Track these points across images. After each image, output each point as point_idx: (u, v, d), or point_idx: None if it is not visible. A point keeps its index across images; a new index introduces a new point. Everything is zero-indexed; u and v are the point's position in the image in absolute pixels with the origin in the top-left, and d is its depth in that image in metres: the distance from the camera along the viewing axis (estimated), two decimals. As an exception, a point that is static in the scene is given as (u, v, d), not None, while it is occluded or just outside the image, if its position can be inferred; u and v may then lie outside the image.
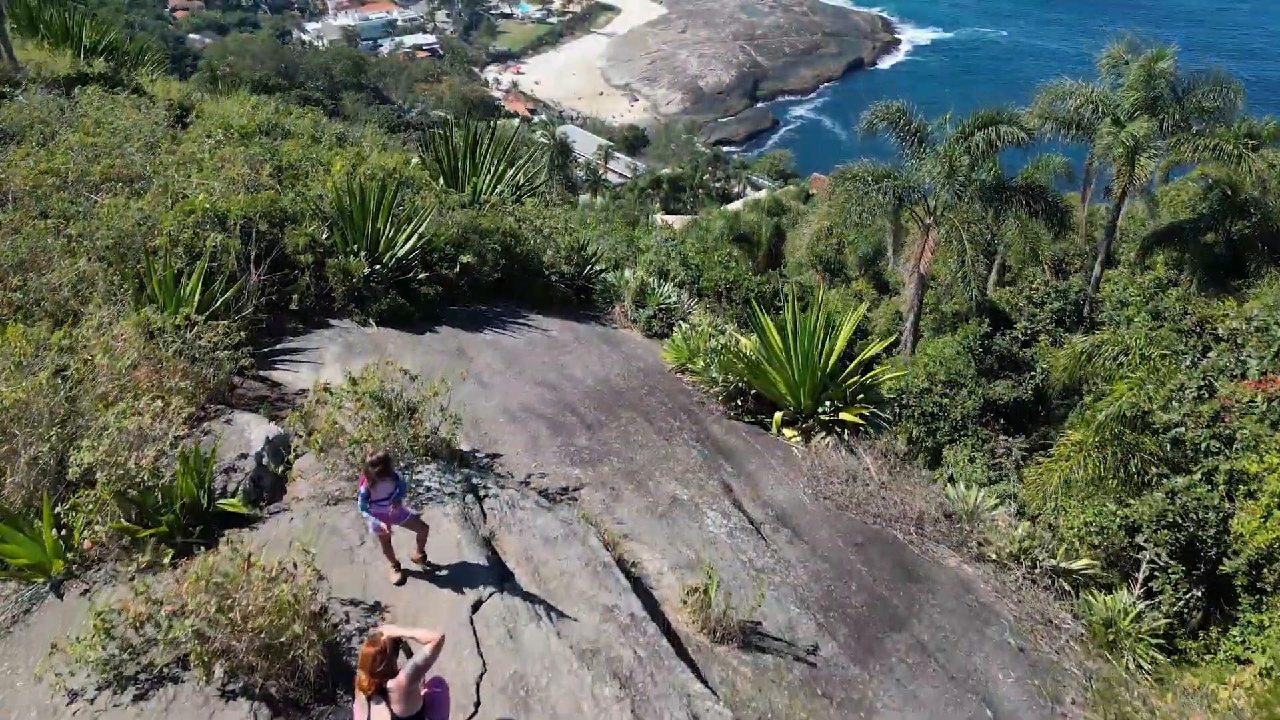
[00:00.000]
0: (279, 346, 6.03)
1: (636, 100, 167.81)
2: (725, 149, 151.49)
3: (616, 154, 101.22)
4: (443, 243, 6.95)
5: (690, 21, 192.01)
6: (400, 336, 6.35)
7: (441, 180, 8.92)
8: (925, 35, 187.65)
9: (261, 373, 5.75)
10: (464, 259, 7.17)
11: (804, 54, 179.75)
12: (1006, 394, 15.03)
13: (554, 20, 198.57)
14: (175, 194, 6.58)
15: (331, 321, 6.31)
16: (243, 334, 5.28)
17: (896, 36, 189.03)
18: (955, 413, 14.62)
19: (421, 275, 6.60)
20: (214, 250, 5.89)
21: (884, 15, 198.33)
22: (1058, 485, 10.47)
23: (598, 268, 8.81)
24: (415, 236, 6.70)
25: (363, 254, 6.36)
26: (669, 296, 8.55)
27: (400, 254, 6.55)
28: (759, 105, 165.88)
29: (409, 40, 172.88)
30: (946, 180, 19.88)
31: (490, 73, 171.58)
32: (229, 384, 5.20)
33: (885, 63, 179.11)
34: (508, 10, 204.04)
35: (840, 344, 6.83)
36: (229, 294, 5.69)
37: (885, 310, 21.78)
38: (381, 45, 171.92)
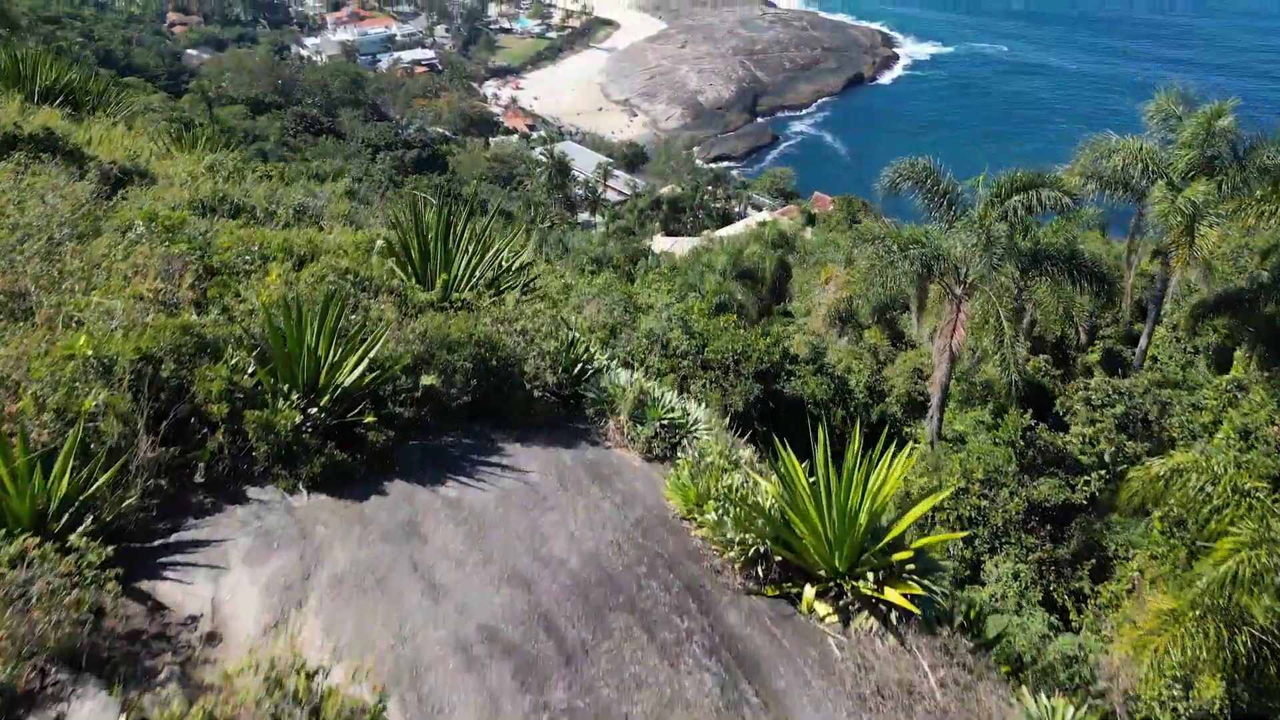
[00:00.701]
0: (174, 539, 4.68)
1: (636, 115, 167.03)
2: (725, 164, 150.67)
3: (616, 172, 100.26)
4: (400, 368, 5.60)
5: (690, 37, 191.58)
6: (336, 511, 5.01)
7: (409, 268, 7.57)
8: (925, 50, 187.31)
9: (144, 584, 4.40)
10: (427, 381, 5.85)
11: (804, 69, 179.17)
12: (1054, 495, 13.64)
13: (553, 35, 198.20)
14: (65, 322, 5.28)
15: (250, 492, 4.97)
16: (110, 551, 3.92)
17: (896, 51, 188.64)
18: (996, 517, 13.19)
19: (369, 419, 5.25)
20: (95, 411, 4.57)
21: (884, 30, 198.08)
22: (1151, 668, 9.05)
23: (590, 367, 7.47)
24: (365, 363, 5.36)
25: (295, 395, 5.01)
26: (671, 409, 7.22)
27: (346, 384, 5.22)
28: (759, 120, 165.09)
29: (408, 55, 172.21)
30: (984, 252, 17.82)
31: (489, 88, 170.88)
32: (89, 621, 3.82)
33: (885, 78, 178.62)
34: (507, 25, 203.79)
35: (887, 494, 5.55)
36: (107, 476, 4.36)
37: (902, 366, 20.23)
38: (380, 60, 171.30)
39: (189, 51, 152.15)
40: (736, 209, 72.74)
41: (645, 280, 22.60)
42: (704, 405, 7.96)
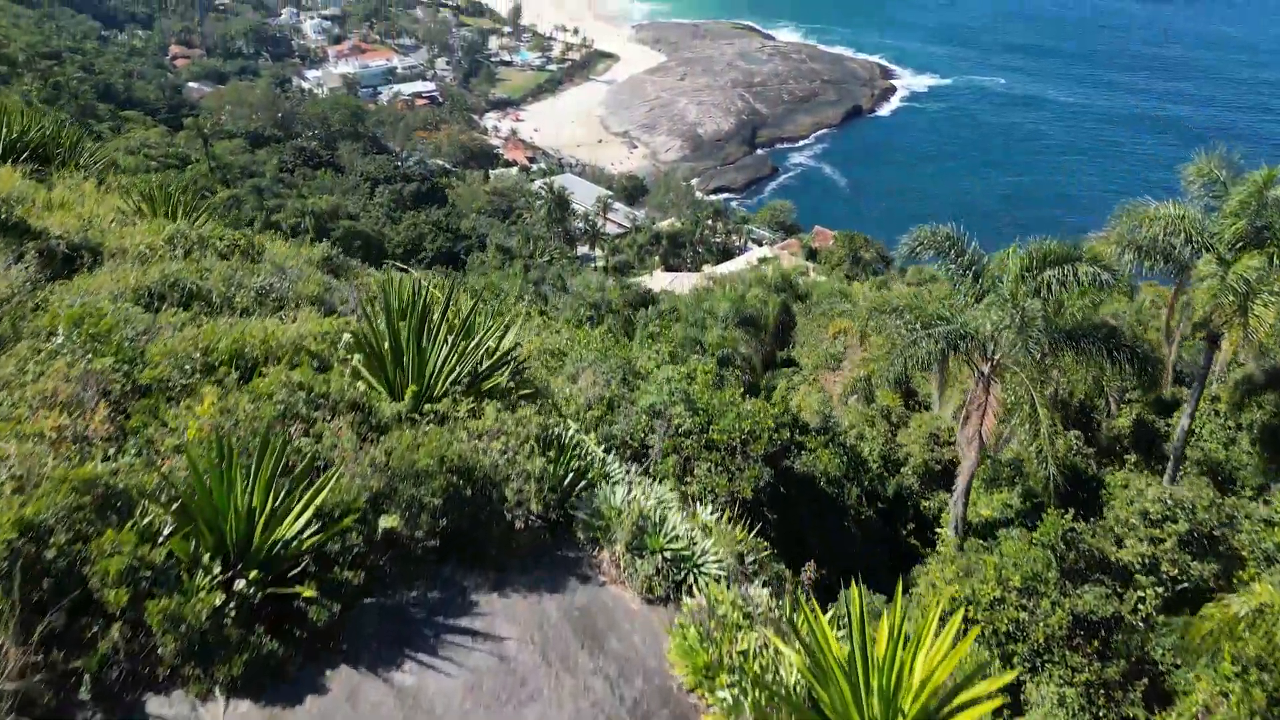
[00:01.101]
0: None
1: (636, 147, 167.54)
2: (724, 196, 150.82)
3: (615, 204, 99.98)
4: (354, 517, 4.63)
5: (689, 69, 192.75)
6: (259, 725, 3.98)
7: (377, 371, 6.59)
8: (923, 82, 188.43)
9: None
10: (387, 524, 4.89)
11: (803, 101, 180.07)
12: (1100, 607, 12.42)
13: (553, 68, 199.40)
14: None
15: (151, 704, 3.95)
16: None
17: (894, 83, 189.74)
18: (1037, 632, 11.95)
19: (308, 593, 4.26)
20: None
21: (882, 62, 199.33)
22: None
23: (584, 479, 6.49)
24: (310, 512, 4.38)
25: (219, 565, 4.03)
26: (675, 537, 6.25)
27: (286, 539, 4.24)
28: (758, 152, 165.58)
29: (408, 88, 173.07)
30: (1018, 335, 16.06)
31: (490, 120, 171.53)
32: None
33: (884, 109, 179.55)
34: (507, 58, 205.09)
35: (939, 679, 4.56)
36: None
37: (918, 431, 19.00)
38: (381, 93, 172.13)
39: (190, 84, 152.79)
40: (737, 243, 72.14)
41: (645, 333, 21.66)
42: (709, 507, 6.97)
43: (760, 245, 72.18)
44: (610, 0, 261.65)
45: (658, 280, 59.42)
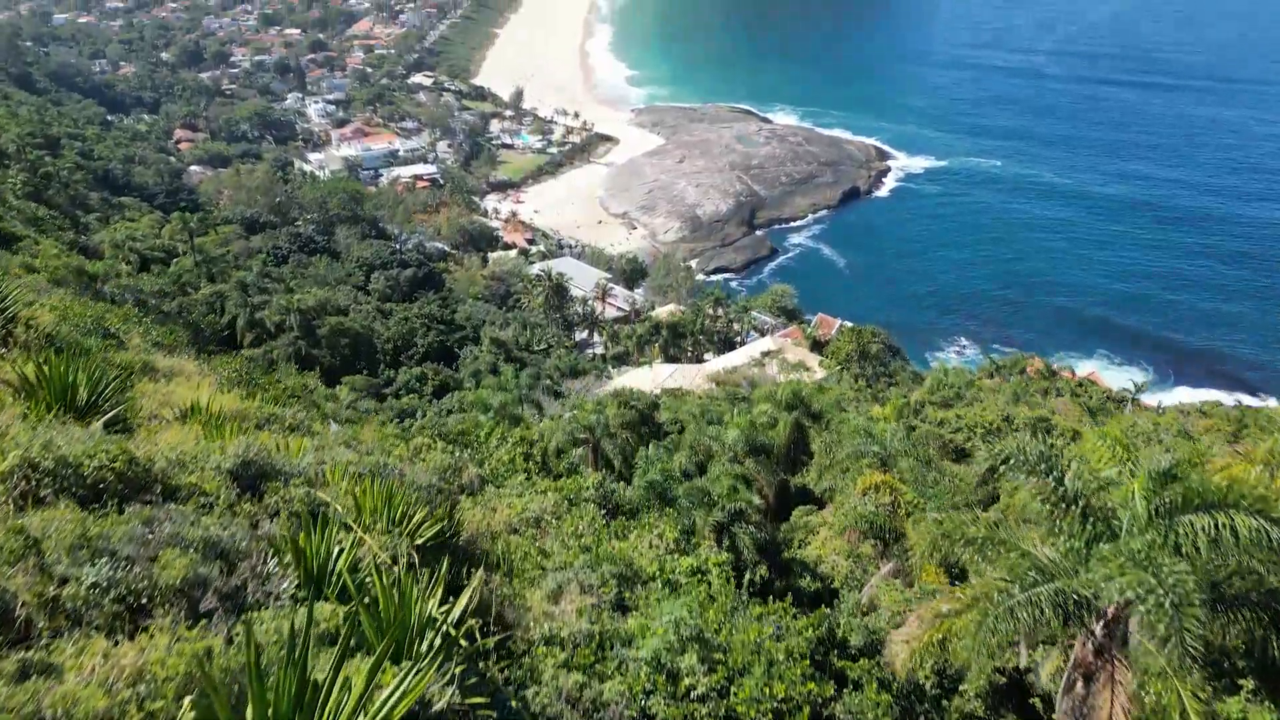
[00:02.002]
0: None
1: (635, 228, 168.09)
2: (723, 276, 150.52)
3: (614, 288, 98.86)
4: None
5: (687, 152, 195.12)
6: None
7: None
8: (919, 163, 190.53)
9: None
10: None
11: (800, 183, 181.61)
12: None
13: (554, 150, 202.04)
14: None
15: None
16: None
17: (891, 165, 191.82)
18: None
19: None
20: None
21: (878, 144, 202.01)
22: None
23: None
24: None
25: None
26: None
27: None
28: (757, 233, 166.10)
29: (410, 170, 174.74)
30: (1157, 608, 10.72)
31: (490, 201, 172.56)
32: None
33: (881, 190, 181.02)
34: (509, 141, 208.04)
35: None
36: None
37: (968, 615, 15.91)
38: (382, 175, 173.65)
39: (193, 168, 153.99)
40: (737, 328, 70.38)
41: (645, 481, 19.28)
42: None
43: (763, 334, 70.35)
44: (610, 85, 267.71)
45: (658, 373, 57.34)
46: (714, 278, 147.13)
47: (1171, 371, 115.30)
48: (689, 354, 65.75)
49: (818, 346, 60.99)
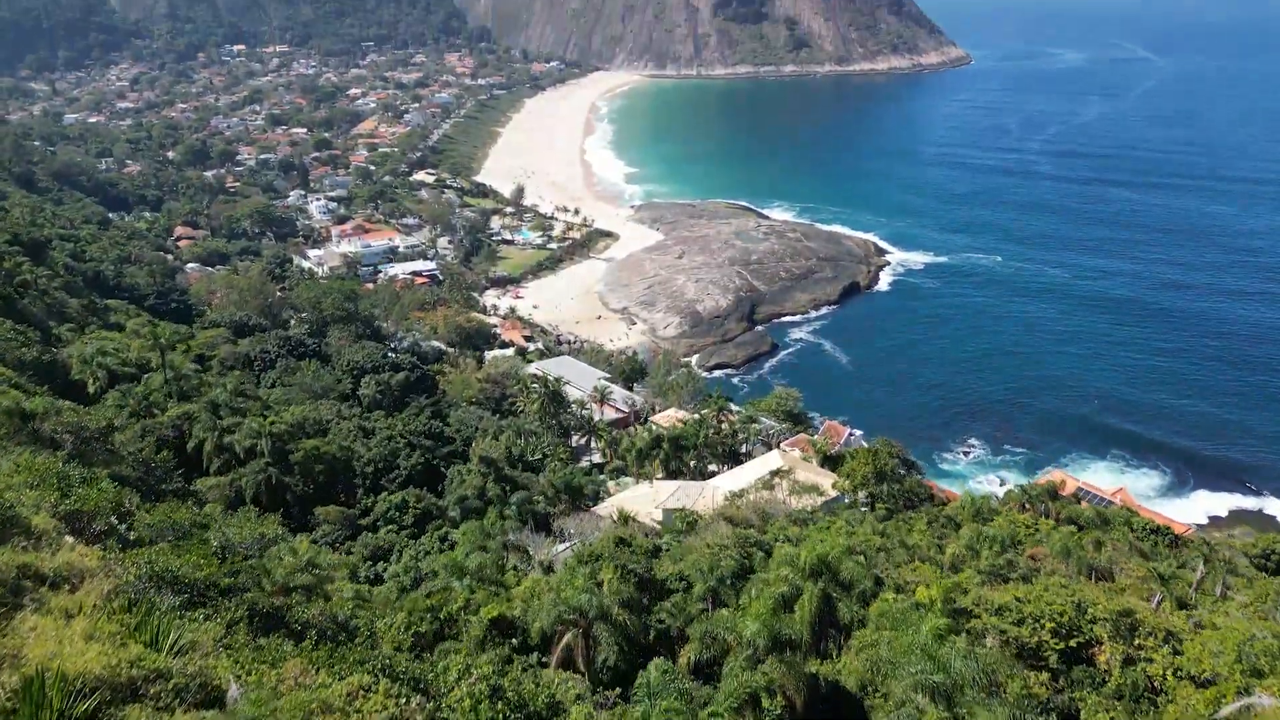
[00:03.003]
0: None
1: (635, 323, 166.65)
2: (724, 372, 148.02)
3: (613, 388, 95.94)
4: None
5: (686, 248, 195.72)
6: None
7: None
8: (918, 259, 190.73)
9: None
10: None
11: (800, 278, 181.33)
12: None
13: (554, 246, 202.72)
14: None
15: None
16: None
17: (890, 260, 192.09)
18: None
19: None
20: None
21: (876, 240, 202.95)
22: None
23: None
24: None
25: None
26: None
27: None
28: (757, 328, 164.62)
29: (409, 267, 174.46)
30: None
31: (489, 297, 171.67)
32: None
33: (881, 286, 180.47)
34: (509, 237, 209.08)
35: None
36: None
37: None
38: (382, 271, 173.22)
39: (190, 266, 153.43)
40: (744, 439, 67.00)
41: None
42: None
43: (769, 446, 66.95)
44: (609, 181, 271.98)
45: (659, 491, 53.75)
46: (714, 374, 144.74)
47: (1190, 475, 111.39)
48: (692, 468, 62.27)
49: (829, 461, 57.63)
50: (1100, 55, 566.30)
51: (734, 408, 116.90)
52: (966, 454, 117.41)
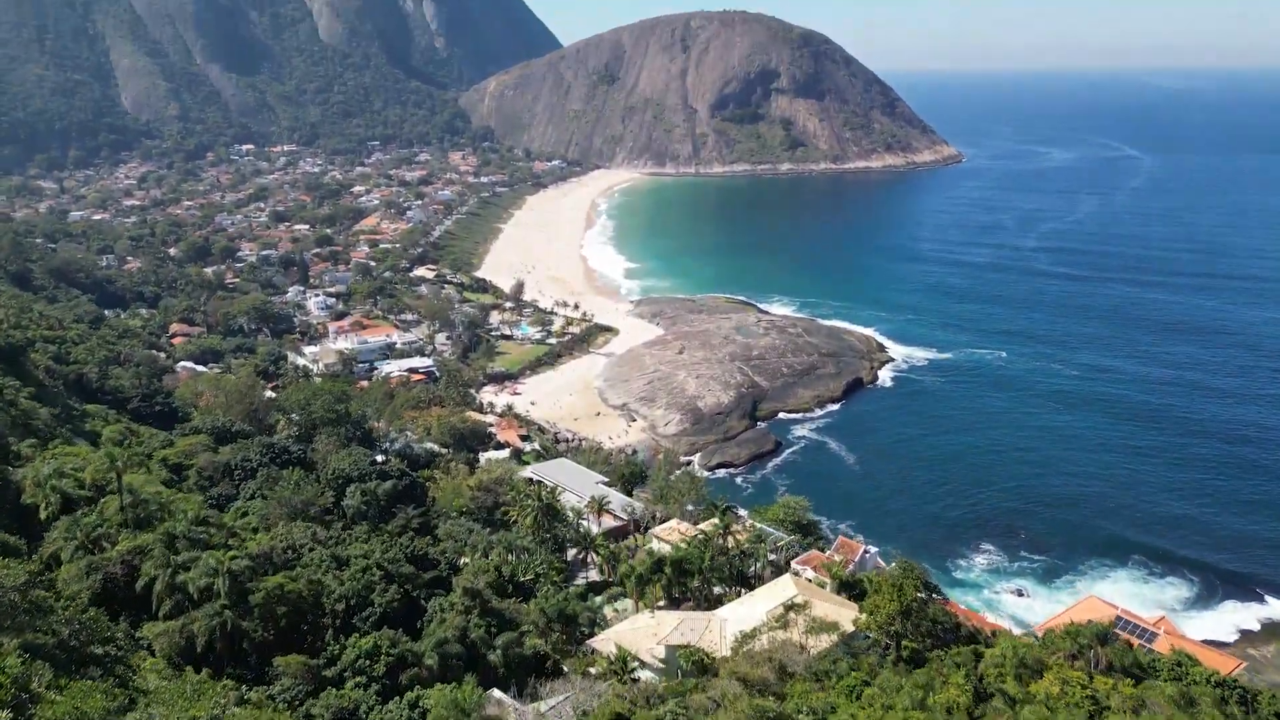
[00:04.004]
0: None
1: (634, 420, 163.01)
2: (726, 472, 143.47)
3: (611, 496, 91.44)
4: None
5: (687, 343, 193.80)
6: None
7: None
8: (921, 355, 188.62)
9: None
10: None
11: (802, 374, 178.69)
12: None
13: (553, 341, 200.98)
14: None
15: None
16: None
17: (893, 356, 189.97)
18: None
19: None
20: None
21: (877, 336, 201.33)
22: None
23: None
24: None
25: None
26: None
27: None
28: (760, 425, 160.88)
29: (405, 364, 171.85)
30: None
31: (486, 393, 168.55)
32: None
33: (885, 381, 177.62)
34: (508, 332, 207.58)
35: None
36: None
37: None
38: (378, 368, 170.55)
39: (181, 365, 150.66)
40: (753, 561, 62.32)
41: None
42: None
43: (779, 567, 62.16)
44: (609, 276, 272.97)
45: (662, 624, 49.02)
46: (717, 473, 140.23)
47: (1217, 585, 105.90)
48: (697, 593, 57.52)
49: (845, 587, 53.10)
50: (1088, 154, 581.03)
51: (740, 512, 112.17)
52: (985, 561, 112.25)
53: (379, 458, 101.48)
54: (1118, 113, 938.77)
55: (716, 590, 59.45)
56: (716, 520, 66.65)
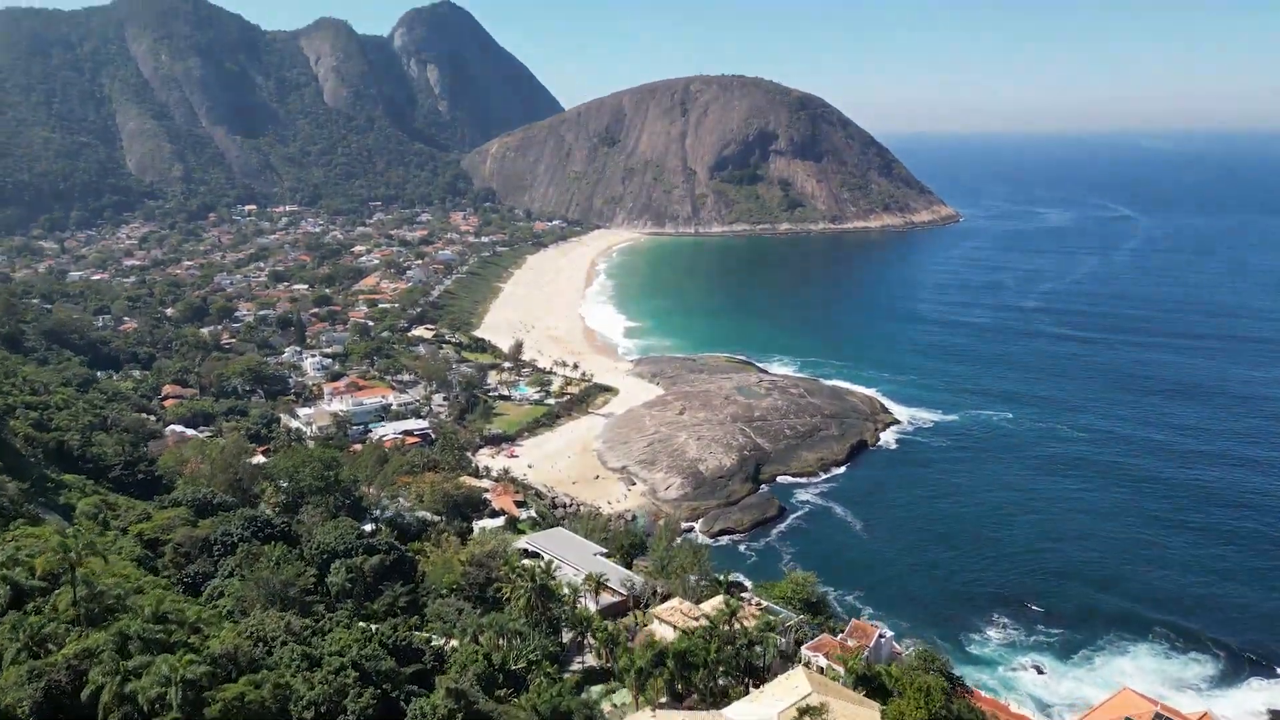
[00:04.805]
0: None
1: (634, 484, 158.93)
2: (729, 539, 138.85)
3: (609, 574, 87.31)
4: None
5: (687, 403, 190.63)
6: None
7: None
8: (925, 417, 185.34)
9: None
10: None
11: (805, 436, 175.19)
12: None
13: (552, 402, 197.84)
14: None
15: None
16: None
17: (898, 417, 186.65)
18: None
19: None
20: None
21: (880, 397, 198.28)
22: None
23: None
24: None
25: None
26: None
27: None
28: (763, 489, 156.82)
29: (400, 426, 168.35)
30: None
31: (483, 456, 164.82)
32: None
33: (890, 443, 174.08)
34: (506, 393, 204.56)
35: None
36: None
37: None
38: (372, 430, 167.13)
39: (170, 429, 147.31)
40: (760, 649, 58.14)
41: None
42: None
43: (787, 656, 58.06)
44: (609, 335, 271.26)
45: (663, 724, 44.96)
46: (719, 540, 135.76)
47: (1244, 661, 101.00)
48: (702, 685, 53.37)
49: (862, 680, 49.12)
50: (1084, 214, 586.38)
51: (746, 586, 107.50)
52: (1000, 634, 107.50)
53: (368, 526, 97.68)
54: (1110, 174, 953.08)
55: (723, 682, 55.29)
56: (721, 601, 62.64)
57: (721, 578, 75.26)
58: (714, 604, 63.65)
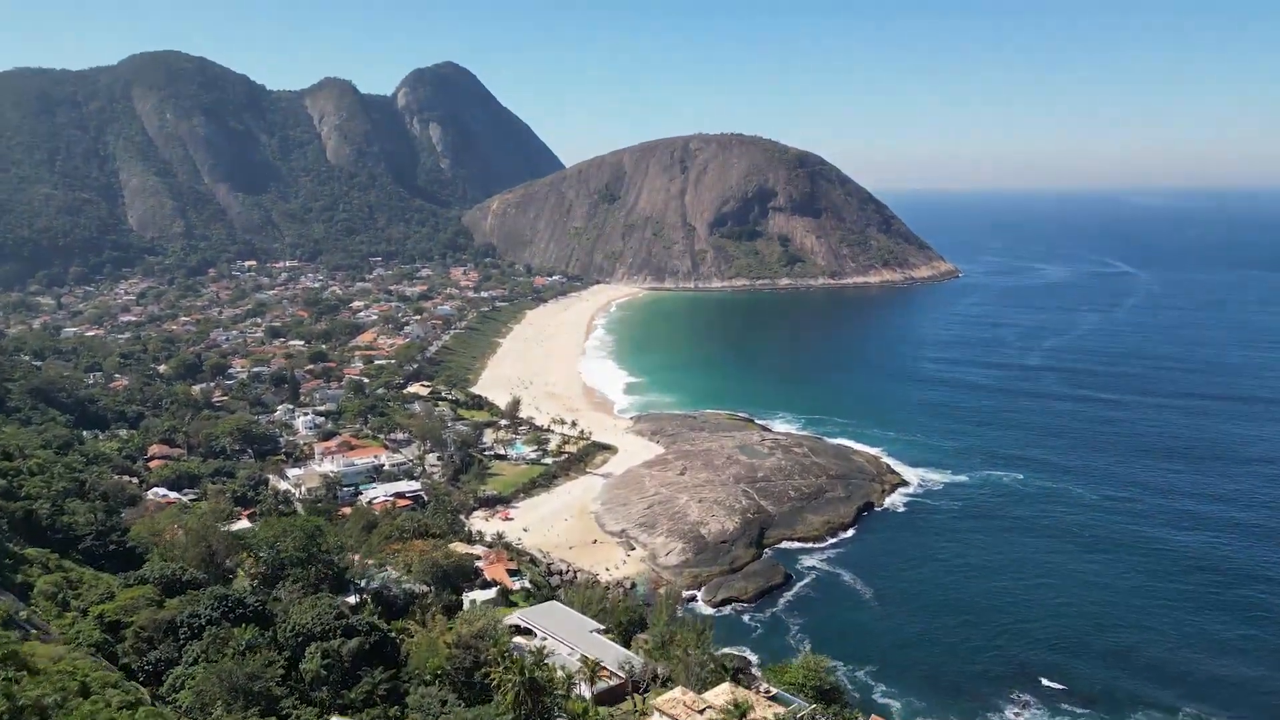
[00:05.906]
0: None
1: (633, 549, 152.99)
2: (733, 608, 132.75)
3: (605, 657, 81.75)
4: None
5: (689, 463, 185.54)
6: None
7: None
8: (933, 478, 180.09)
9: None
10: None
11: (810, 498, 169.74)
12: None
13: (549, 461, 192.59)
14: None
15: None
16: None
17: (904, 477, 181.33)
18: None
19: None
20: None
21: (885, 458, 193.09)
22: None
23: None
24: None
25: None
26: None
27: None
28: (767, 553, 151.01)
29: (392, 488, 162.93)
30: None
31: (477, 519, 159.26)
32: None
33: (898, 506, 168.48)
34: (502, 452, 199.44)
35: None
36: None
37: None
38: (363, 492, 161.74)
39: (155, 490, 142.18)
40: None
41: None
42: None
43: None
44: (608, 392, 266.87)
45: None
46: (723, 609, 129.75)
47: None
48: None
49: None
50: (1083, 269, 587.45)
51: (753, 665, 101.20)
52: (1018, 714, 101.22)
53: (352, 599, 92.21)
54: (1106, 230, 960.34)
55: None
56: (728, 691, 57.33)
57: (727, 664, 69.66)
58: (721, 695, 58.34)
